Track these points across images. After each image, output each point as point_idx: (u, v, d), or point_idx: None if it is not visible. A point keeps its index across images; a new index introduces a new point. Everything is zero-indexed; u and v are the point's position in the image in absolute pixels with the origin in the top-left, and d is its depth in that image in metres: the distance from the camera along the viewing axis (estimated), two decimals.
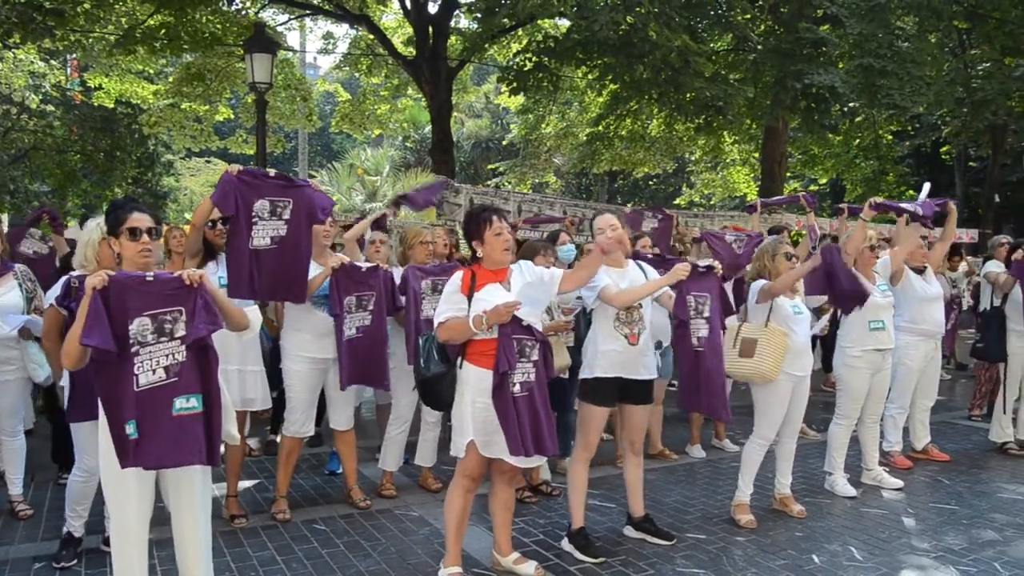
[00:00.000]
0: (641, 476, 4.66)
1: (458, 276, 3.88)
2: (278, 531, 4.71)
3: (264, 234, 4.50)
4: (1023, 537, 4.74)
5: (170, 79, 16.73)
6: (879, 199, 5.56)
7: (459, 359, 3.83)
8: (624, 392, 4.39)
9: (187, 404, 3.15)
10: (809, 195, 5.43)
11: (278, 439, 6.17)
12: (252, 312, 4.26)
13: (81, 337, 2.97)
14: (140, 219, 3.29)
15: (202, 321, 3.17)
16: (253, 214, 4.45)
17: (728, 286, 5.94)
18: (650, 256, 5.18)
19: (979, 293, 8.24)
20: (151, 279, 3.15)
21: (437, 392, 3.89)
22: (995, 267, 7.22)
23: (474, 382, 3.74)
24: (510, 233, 3.89)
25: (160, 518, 3.39)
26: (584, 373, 4.41)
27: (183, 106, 16.53)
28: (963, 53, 16.51)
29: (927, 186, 6.03)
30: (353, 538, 4.62)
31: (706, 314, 4.56)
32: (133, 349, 3.08)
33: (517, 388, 3.68)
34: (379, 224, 6.21)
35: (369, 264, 5.03)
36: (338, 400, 5.11)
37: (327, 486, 5.65)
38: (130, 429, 3.06)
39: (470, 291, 3.77)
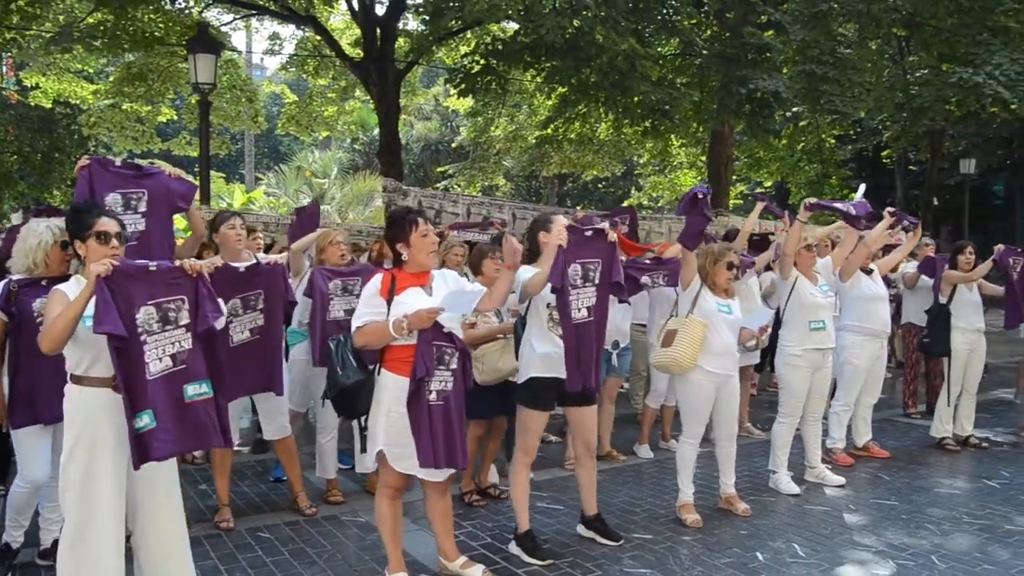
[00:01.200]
0: (595, 477, 4.66)
1: (378, 279, 3.75)
2: (221, 540, 4.62)
3: None
4: (959, 531, 4.86)
5: (110, 79, 16.39)
6: (814, 200, 5.66)
7: (376, 366, 3.72)
8: (563, 394, 4.36)
9: (199, 390, 3.26)
10: (790, 217, 5.50)
11: None
12: None
13: (94, 326, 2.99)
14: (108, 223, 3.31)
15: (208, 310, 3.30)
16: (106, 208, 4.09)
17: None
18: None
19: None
20: (154, 268, 3.21)
21: (353, 401, 3.73)
22: (912, 268, 7.52)
23: (391, 390, 3.63)
24: (436, 236, 3.82)
25: None
26: (520, 376, 4.38)
27: (124, 106, 16.19)
28: (902, 60, 16.93)
29: (862, 187, 6.17)
30: (298, 545, 4.55)
31: (596, 281, 4.30)
32: (142, 338, 3.13)
33: (433, 396, 3.60)
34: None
35: (247, 263, 4.74)
36: (268, 409, 4.97)
37: (272, 493, 5.56)
38: (146, 419, 3.11)
39: (390, 294, 3.66)
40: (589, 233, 4.30)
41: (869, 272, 6.33)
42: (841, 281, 6.16)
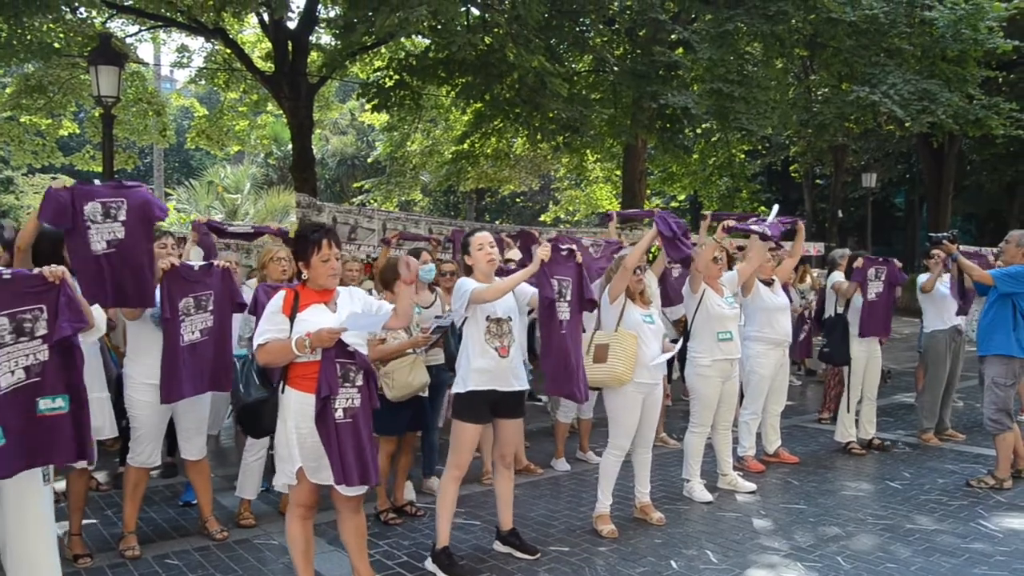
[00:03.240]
0: (511, 489, 4.68)
1: (280, 296, 3.71)
2: (127, 569, 4.45)
3: (99, 238, 4.21)
4: (863, 531, 5.03)
5: (7, 90, 15.71)
6: (732, 222, 5.86)
7: (280, 383, 3.68)
8: (496, 405, 4.40)
9: (53, 404, 3.12)
10: (662, 212, 5.61)
11: None
12: (97, 312, 4.03)
13: None
14: None
15: (66, 319, 3.14)
16: (85, 219, 4.15)
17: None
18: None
19: (824, 302, 8.75)
20: (8, 277, 3.06)
21: (257, 418, 3.74)
22: (840, 277, 7.76)
23: (296, 407, 3.59)
24: (338, 260, 3.76)
25: None
26: (457, 388, 4.40)
27: (23, 119, 15.55)
28: (806, 78, 17.57)
29: (776, 207, 6.36)
30: (208, 571, 4.41)
31: (568, 297, 4.60)
32: None
33: (340, 414, 3.55)
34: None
35: (202, 263, 4.81)
36: (189, 428, 4.86)
37: (181, 518, 5.38)
38: None
39: (293, 311, 3.62)
40: (564, 252, 4.59)
41: (769, 283, 6.52)
42: (742, 295, 6.33)
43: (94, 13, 13.21)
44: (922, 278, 7.47)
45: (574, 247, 4.74)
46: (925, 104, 12.91)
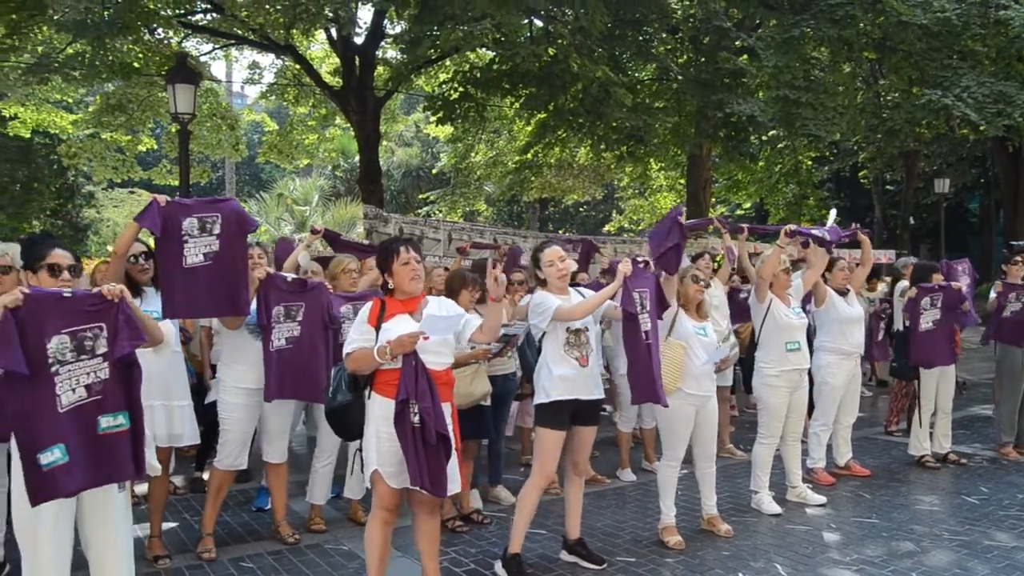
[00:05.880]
0: (581, 498, 4.71)
1: (368, 307, 3.90)
2: (204, 570, 4.59)
3: (196, 251, 4.40)
4: (939, 547, 4.90)
5: (90, 109, 16.34)
6: (793, 226, 5.80)
7: (368, 389, 3.82)
8: (576, 414, 4.46)
9: (114, 422, 3.15)
10: (723, 217, 5.54)
11: (204, 476, 6.04)
12: (165, 326, 4.18)
13: None
14: (60, 256, 3.29)
15: (125, 338, 3.17)
16: (183, 233, 4.35)
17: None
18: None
19: (894, 312, 8.54)
20: (69, 295, 3.13)
21: (345, 421, 3.90)
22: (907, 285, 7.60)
23: (379, 411, 3.72)
24: (418, 263, 3.90)
25: (76, 563, 3.27)
26: (539, 398, 4.46)
27: (104, 136, 16.15)
28: (875, 83, 17.20)
29: (833, 212, 6.27)
30: (281, 575, 4.54)
31: (648, 308, 4.64)
32: (52, 369, 3.02)
33: (416, 418, 3.61)
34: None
35: (295, 276, 5.04)
36: (273, 432, 5.04)
37: (255, 522, 5.53)
38: (57, 454, 3.00)
39: (378, 321, 3.78)
40: (640, 264, 4.65)
41: (844, 293, 6.41)
42: (815, 306, 6.25)
43: (171, 33, 13.70)
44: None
45: (648, 259, 4.81)
46: (1000, 107, 12.52)
